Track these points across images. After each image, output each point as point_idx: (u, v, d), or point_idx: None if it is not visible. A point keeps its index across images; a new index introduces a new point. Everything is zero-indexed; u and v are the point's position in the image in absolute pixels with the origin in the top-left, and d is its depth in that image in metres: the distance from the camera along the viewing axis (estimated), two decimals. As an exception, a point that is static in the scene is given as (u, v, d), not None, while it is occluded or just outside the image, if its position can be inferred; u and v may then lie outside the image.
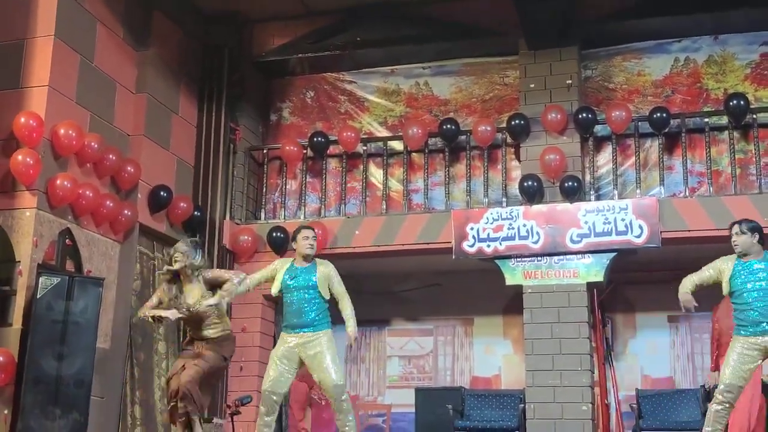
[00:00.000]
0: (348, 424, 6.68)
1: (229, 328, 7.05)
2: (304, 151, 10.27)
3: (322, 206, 10.14)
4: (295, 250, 6.96)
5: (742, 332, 6.28)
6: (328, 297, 6.87)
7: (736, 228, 6.46)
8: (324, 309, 6.82)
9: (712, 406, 6.35)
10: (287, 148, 10.23)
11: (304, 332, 6.72)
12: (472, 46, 10.13)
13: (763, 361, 6.33)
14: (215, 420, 9.24)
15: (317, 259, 6.96)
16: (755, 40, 9.55)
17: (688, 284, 6.56)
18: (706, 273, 6.55)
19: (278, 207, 10.37)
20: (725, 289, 6.43)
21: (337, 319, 6.88)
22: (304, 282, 6.80)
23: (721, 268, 6.47)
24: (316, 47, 10.43)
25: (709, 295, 6.56)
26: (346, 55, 10.44)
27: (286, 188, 10.39)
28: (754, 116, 9.07)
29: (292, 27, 10.46)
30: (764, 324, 6.19)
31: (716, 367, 7.69)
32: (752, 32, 9.53)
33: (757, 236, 6.39)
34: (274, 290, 6.88)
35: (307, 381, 9.02)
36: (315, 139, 10.18)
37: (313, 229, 7.05)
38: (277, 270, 6.93)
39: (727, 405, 6.30)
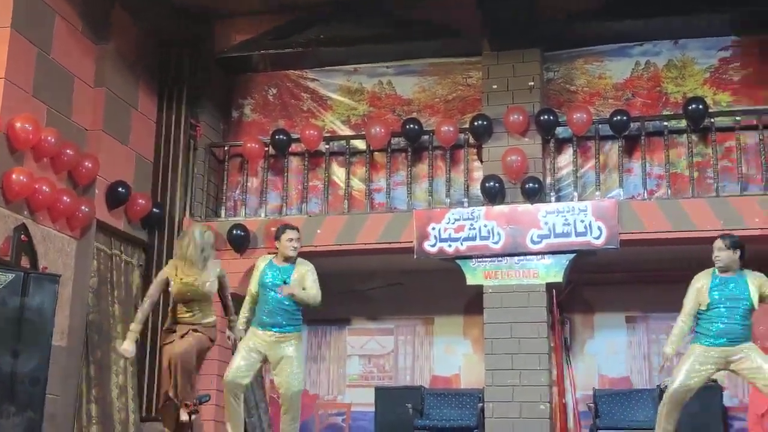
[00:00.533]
0: (293, 425, 6.76)
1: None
2: (266, 149, 10.21)
3: (284, 204, 10.10)
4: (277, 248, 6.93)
5: (702, 341, 6.36)
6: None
7: (719, 243, 6.48)
8: (296, 311, 6.80)
9: (662, 407, 6.45)
10: (249, 145, 10.17)
11: (275, 332, 6.71)
12: (436, 46, 10.15)
13: (717, 371, 6.42)
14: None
15: (299, 260, 6.93)
16: (714, 45, 9.68)
17: (674, 338, 6.51)
18: (690, 304, 6.48)
19: (239, 205, 10.31)
20: (704, 305, 6.42)
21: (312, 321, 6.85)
22: (281, 282, 6.78)
23: (699, 289, 6.47)
24: (278, 44, 10.37)
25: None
26: (309, 52, 10.41)
27: (247, 186, 10.33)
28: (712, 120, 9.19)
29: (254, 23, 10.38)
30: (725, 339, 6.28)
31: None
32: (711, 37, 9.66)
33: (739, 253, 6.45)
34: (253, 289, 6.86)
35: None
36: (277, 137, 10.13)
37: (298, 230, 7.02)
38: (257, 267, 6.93)
39: (677, 405, 6.39)
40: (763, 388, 6.27)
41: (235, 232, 9.62)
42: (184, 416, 6.66)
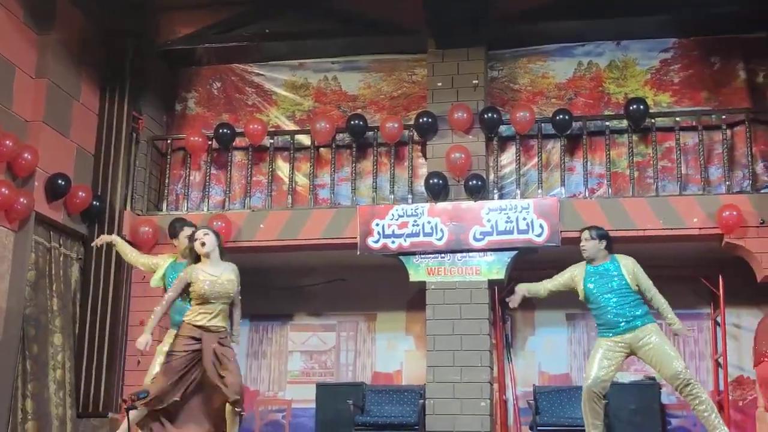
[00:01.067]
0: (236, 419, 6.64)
1: None
2: (209, 143, 10.11)
3: (227, 199, 10.01)
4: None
5: (605, 334, 6.58)
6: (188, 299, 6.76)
7: (586, 234, 6.80)
8: (180, 309, 6.75)
9: (584, 405, 6.57)
10: (192, 138, 10.06)
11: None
12: (382, 42, 10.16)
13: (627, 356, 6.57)
14: (110, 415, 9.05)
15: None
16: (655, 46, 9.83)
17: (532, 286, 6.88)
18: (559, 279, 6.87)
19: (181, 198, 10.20)
20: (580, 295, 6.73)
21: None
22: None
23: (573, 274, 6.79)
24: (223, 38, 10.27)
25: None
26: (254, 47, 10.33)
27: (189, 180, 10.21)
28: (653, 120, 9.33)
29: (199, 16, 10.25)
30: (622, 323, 6.48)
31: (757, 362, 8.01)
32: (653, 39, 9.81)
33: (605, 243, 6.74)
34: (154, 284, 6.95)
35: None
36: (221, 131, 10.03)
37: (196, 228, 6.94)
38: (160, 267, 7.13)
39: (597, 398, 6.51)
40: (662, 372, 6.45)
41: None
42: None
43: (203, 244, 6.45)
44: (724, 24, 9.54)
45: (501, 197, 9.37)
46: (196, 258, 6.48)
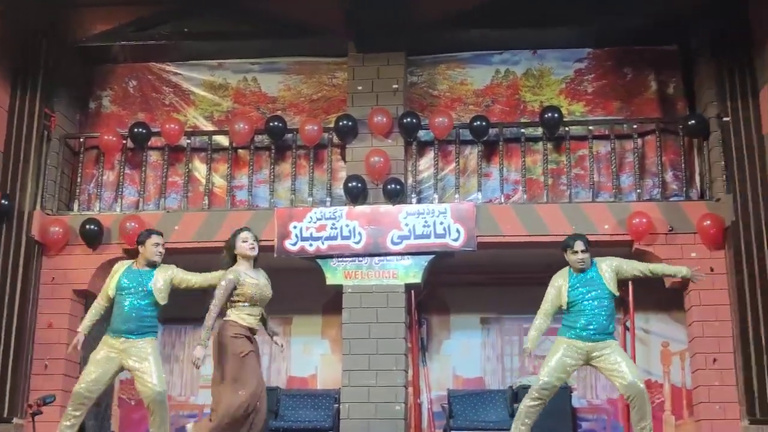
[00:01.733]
0: (163, 427, 6.73)
1: None
2: (124, 142, 9.92)
3: (141, 199, 9.82)
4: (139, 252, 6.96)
5: (567, 334, 6.61)
6: (164, 302, 6.89)
7: (581, 245, 6.75)
8: (153, 316, 6.85)
9: (526, 401, 6.61)
10: (106, 137, 9.85)
11: (129, 338, 6.71)
12: (302, 44, 10.13)
13: (582, 365, 6.66)
14: (14, 420, 8.76)
15: (161, 264, 6.98)
16: (570, 56, 10.04)
17: (533, 334, 6.73)
18: (548, 302, 6.76)
19: (93, 198, 9.96)
20: (564, 304, 6.71)
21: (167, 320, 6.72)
22: (140, 287, 6.79)
23: (558, 287, 6.74)
24: (141, 35, 10.10)
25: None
26: (173, 45, 10.18)
27: (102, 179, 9.99)
28: (567, 129, 9.52)
29: (116, 13, 10.06)
30: (592, 329, 6.52)
31: None
32: (568, 49, 10.02)
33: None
34: (110, 292, 6.81)
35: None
36: (136, 130, 9.85)
37: (162, 235, 7.12)
38: (115, 272, 6.91)
39: (541, 402, 6.58)
40: (619, 386, 6.55)
41: (88, 226, 9.30)
42: None
43: (253, 248, 6.64)
44: (637, 36, 9.82)
45: (419, 201, 9.42)
46: (233, 259, 6.63)
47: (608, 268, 6.70)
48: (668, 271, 6.92)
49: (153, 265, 6.94)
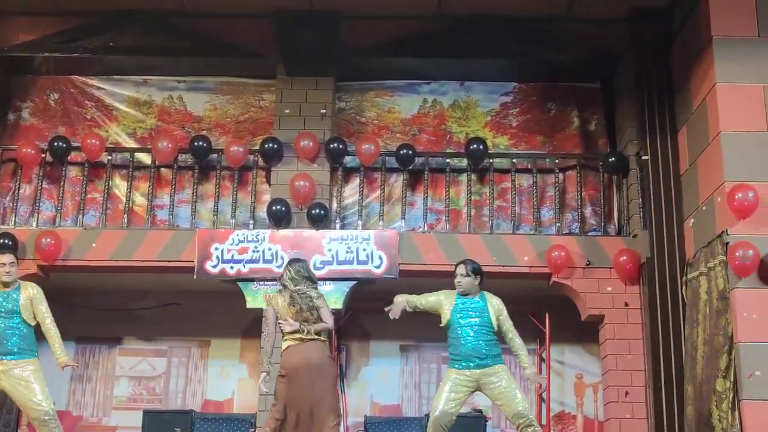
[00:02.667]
0: None
1: None
2: (43, 155, 9.67)
3: (58, 215, 9.58)
4: None
5: (455, 366, 6.67)
6: (33, 323, 6.69)
7: (462, 268, 6.82)
8: (28, 336, 6.66)
9: None
10: (24, 150, 9.59)
11: (8, 360, 6.55)
12: (230, 64, 10.06)
13: (473, 392, 6.73)
14: None
15: (22, 282, 6.79)
16: (496, 89, 10.20)
17: (410, 298, 6.88)
18: (430, 299, 6.88)
19: (9, 212, 9.67)
20: (444, 321, 6.79)
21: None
22: (6, 307, 6.63)
23: (443, 301, 6.82)
24: (64, 48, 9.90)
25: (438, 330, 6.82)
26: (97, 59, 9.99)
27: (19, 193, 9.71)
28: (491, 161, 9.65)
29: (41, 24, 9.88)
30: (476, 359, 6.59)
31: None
32: (494, 82, 10.18)
33: (479, 278, 6.82)
34: None
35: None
36: (55, 144, 9.62)
37: (11, 253, 6.88)
38: None
39: (442, 431, 6.61)
40: (506, 411, 6.62)
41: (2, 240, 9.00)
42: None
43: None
44: (562, 72, 10.04)
45: (343, 227, 9.42)
46: None
47: (496, 306, 6.78)
48: (520, 356, 6.80)
49: (6, 285, 6.73)
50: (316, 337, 6.63)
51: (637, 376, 8.78)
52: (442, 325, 6.80)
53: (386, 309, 6.92)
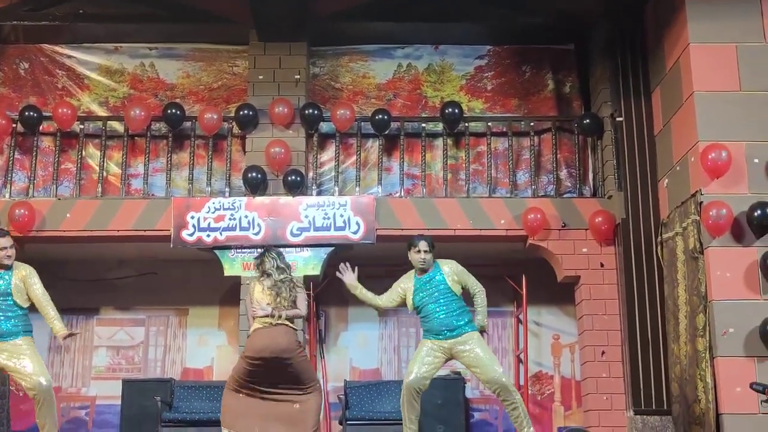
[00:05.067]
0: (50, 416, 6.64)
1: None
2: (14, 126, 9.55)
3: (31, 186, 9.48)
4: None
5: (429, 337, 6.81)
6: (26, 305, 6.72)
7: (425, 245, 6.83)
8: (21, 317, 6.69)
9: (402, 399, 6.75)
10: (-6, 120, 9.49)
11: (3, 341, 6.59)
12: (202, 31, 9.95)
13: (447, 360, 6.81)
14: None
15: (15, 263, 6.77)
16: (471, 53, 10.17)
17: (367, 296, 7.07)
18: (391, 295, 7.01)
19: (-20, 184, 9.59)
20: (410, 307, 6.89)
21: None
22: None
23: (404, 288, 6.93)
24: (33, 16, 9.74)
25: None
26: (67, 27, 9.82)
27: (-10, 164, 9.62)
28: (467, 125, 9.65)
29: (9, -8, 9.72)
30: (445, 331, 6.70)
31: None
32: (469, 45, 10.14)
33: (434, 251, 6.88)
34: None
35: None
36: (26, 114, 9.50)
37: (9, 235, 6.89)
38: None
39: (416, 395, 6.70)
40: (481, 377, 6.73)
41: (-7, 223, 8.94)
42: None
43: None
44: (536, 34, 10.02)
45: (319, 194, 9.41)
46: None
47: (450, 270, 6.83)
48: (479, 311, 6.86)
49: (5, 268, 6.71)
50: (286, 323, 6.68)
51: (613, 336, 8.88)
52: (409, 311, 6.93)
53: (340, 268, 7.08)
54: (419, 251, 6.83)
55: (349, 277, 7.08)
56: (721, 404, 7.37)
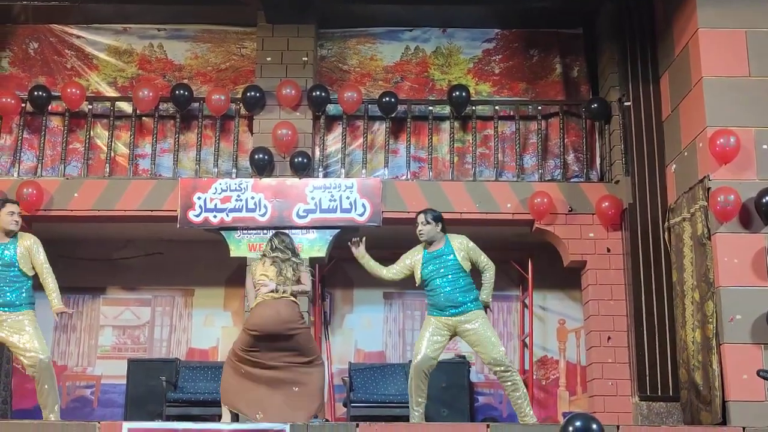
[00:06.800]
0: (52, 394, 6.69)
1: None
2: (23, 105, 9.58)
3: (39, 165, 9.51)
4: None
5: (433, 313, 6.79)
6: (31, 274, 6.74)
7: (421, 217, 6.89)
8: (26, 287, 6.71)
9: (410, 381, 6.75)
10: (3, 99, 9.47)
11: (3, 311, 6.61)
12: (211, 12, 9.93)
13: (452, 337, 6.81)
14: None
15: (19, 233, 6.81)
16: (479, 36, 10.13)
17: (374, 267, 7.05)
18: (398, 266, 6.99)
19: (-11, 162, 9.62)
20: (417, 280, 6.88)
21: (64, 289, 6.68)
22: (4, 259, 6.66)
23: (413, 260, 6.92)
24: (43, -5, 9.77)
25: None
26: (76, 7, 9.84)
27: (-1, 143, 9.65)
28: (474, 108, 9.62)
29: (19, -28, 9.74)
30: (450, 308, 6.69)
31: None
32: (476, 28, 10.11)
33: (440, 225, 6.90)
34: None
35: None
36: (35, 93, 9.52)
37: (19, 204, 6.94)
38: None
39: (423, 376, 6.69)
40: (483, 357, 6.73)
41: (-7, 190, 8.98)
42: None
43: None
44: (544, 18, 9.96)
45: (326, 176, 9.41)
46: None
47: (460, 246, 6.84)
48: (486, 286, 6.89)
49: (10, 234, 6.74)
50: (288, 296, 6.78)
51: (619, 321, 8.86)
52: (417, 285, 6.89)
53: (353, 241, 7.07)
54: (417, 224, 6.87)
55: (357, 249, 7.07)
56: (727, 391, 7.34)
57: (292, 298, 6.85)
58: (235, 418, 6.82)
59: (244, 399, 6.71)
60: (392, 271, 7.02)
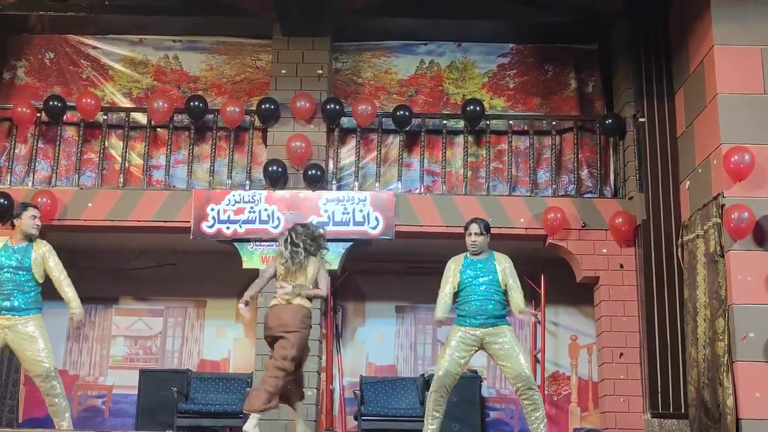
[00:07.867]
0: (61, 406, 6.68)
1: None
2: (38, 115, 9.63)
3: (54, 175, 9.56)
4: (14, 226, 6.74)
5: (461, 323, 6.63)
6: (41, 281, 6.75)
7: (475, 227, 6.71)
8: (35, 292, 6.71)
9: (430, 394, 6.67)
10: (19, 109, 9.55)
11: (12, 315, 6.59)
12: (226, 24, 9.99)
13: (477, 351, 6.73)
14: None
15: (37, 240, 6.81)
16: (494, 51, 10.15)
17: (441, 306, 6.72)
18: (447, 288, 6.73)
19: (4, 171, 9.65)
20: (455, 285, 6.72)
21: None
22: (17, 262, 6.65)
23: (453, 269, 6.75)
24: (59, 6, 9.81)
25: (434, 292, 6.82)
26: (92, 18, 9.89)
27: (14, 152, 9.67)
28: (488, 123, 9.63)
29: (35, -18, 9.80)
30: (481, 318, 6.57)
31: None
32: (492, 43, 10.13)
33: (489, 236, 6.80)
34: None
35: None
36: (51, 103, 9.58)
37: (38, 209, 6.93)
38: None
39: (444, 392, 6.62)
40: (508, 372, 6.60)
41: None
42: None
43: None
44: (559, 33, 9.99)
45: (339, 188, 9.42)
46: None
47: (504, 262, 6.77)
48: (514, 298, 6.74)
49: (29, 239, 6.76)
50: (300, 301, 6.78)
51: (631, 338, 8.83)
52: (455, 290, 6.71)
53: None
54: (470, 234, 6.73)
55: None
56: (740, 409, 7.31)
57: (304, 303, 6.85)
58: None
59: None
60: (447, 295, 6.72)
